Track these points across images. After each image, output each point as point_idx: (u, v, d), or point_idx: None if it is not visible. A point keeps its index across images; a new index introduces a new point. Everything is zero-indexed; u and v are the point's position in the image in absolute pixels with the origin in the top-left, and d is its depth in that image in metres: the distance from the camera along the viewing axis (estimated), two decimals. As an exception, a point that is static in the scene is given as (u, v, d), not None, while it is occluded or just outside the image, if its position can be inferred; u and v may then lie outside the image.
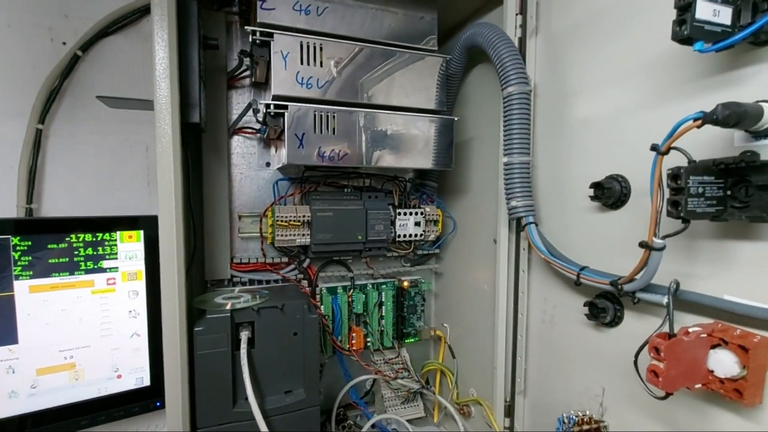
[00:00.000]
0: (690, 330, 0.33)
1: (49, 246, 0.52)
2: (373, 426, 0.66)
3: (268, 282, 0.63)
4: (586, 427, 0.43)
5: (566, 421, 0.45)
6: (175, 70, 0.41)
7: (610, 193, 0.41)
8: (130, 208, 0.59)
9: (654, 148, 0.32)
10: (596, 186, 0.42)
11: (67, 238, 0.53)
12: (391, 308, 0.71)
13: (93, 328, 0.55)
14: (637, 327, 0.40)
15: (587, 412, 0.44)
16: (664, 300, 0.34)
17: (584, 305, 0.44)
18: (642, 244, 0.33)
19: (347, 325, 0.68)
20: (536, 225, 0.50)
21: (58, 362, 0.54)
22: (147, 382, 0.59)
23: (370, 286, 0.70)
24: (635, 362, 0.36)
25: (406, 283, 0.73)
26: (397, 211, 0.66)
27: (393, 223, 0.66)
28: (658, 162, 0.32)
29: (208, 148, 0.59)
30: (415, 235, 0.67)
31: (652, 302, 0.36)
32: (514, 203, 0.50)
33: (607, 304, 0.42)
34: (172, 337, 0.43)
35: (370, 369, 0.67)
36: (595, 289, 0.44)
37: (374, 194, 0.66)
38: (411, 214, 0.66)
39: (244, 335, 0.48)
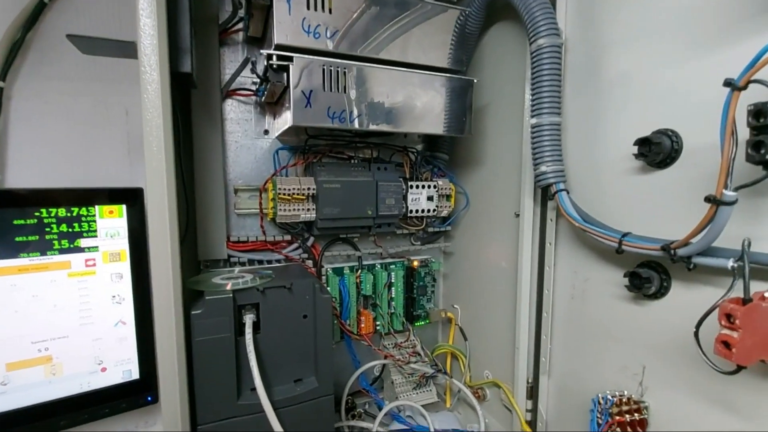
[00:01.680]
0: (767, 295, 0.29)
1: (15, 222, 0.45)
2: (385, 415, 0.62)
3: (269, 262, 0.57)
4: (625, 408, 0.40)
5: (602, 401, 0.41)
6: (162, 4, 0.34)
7: (659, 149, 0.37)
8: (109, 180, 0.52)
9: (728, 83, 0.28)
10: (642, 142, 0.38)
11: (37, 213, 0.46)
12: (402, 289, 0.67)
13: (71, 315, 0.48)
14: (687, 298, 0.37)
15: (625, 392, 0.41)
16: (729, 263, 0.31)
17: (624, 276, 0.40)
18: (709, 199, 0.29)
19: (356, 308, 0.63)
20: (567, 192, 0.46)
21: (32, 355, 0.47)
22: (136, 375, 0.53)
23: (379, 266, 0.66)
24: (696, 333, 0.32)
25: (416, 263, 0.68)
26: (409, 184, 0.61)
27: (405, 197, 0.61)
28: (733, 99, 0.28)
29: (198, 111, 0.53)
30: (428, 211, 0.63)
31: (713, 267, 0.32)
32: (543, 168, 0.46)
33: (651, 274, 0.38)
34: (166, 323, 0.37)
35: (381, 353, 0.62)
36: (636, 259, 0.40)
37: (383, 166, 0.61)
38: (424, 187, 0.62)
39: (249, 319, 0.43)
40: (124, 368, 0.52)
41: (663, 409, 0.39)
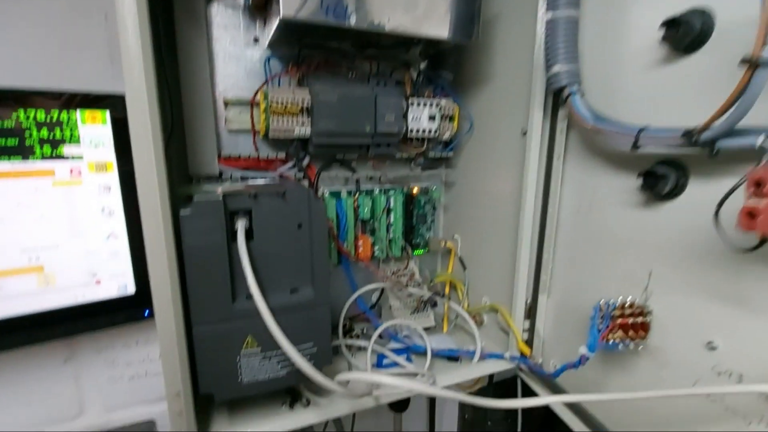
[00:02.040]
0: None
1: (-8, 123, 0.43)
2: (381, 336, 0.62)
3: (263, 178, 0.55)
4: (628, 311, 0.39)
5: (604, 307, 0.40)
6: None
7: (687, 30, 0.33)
8: (91, 88, 0.49)
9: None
10: (670, 23, 0.34)
11: (15, 114, 0.43)
12: (401, 215, 0.65)
13: (59, 226, 0.47)
14: (704, 194, 0.34)
15: (629, 298, 0.40)
16: (759, 140, 0.28)
17: (638, 176, 0.38)
18: (745, 60, 0.26)
19: (353, 232, 0.61)
20: (582, 95, 0.42)
21: (22, 264, 0.46)
22: (132, 289, 0.52)
23: (377, 191, 0.64)
24: (716, 213, 0.30)
25: (415, 190, 0.66)
26: (410, 100, 0.57)
27: (405, 115, 0.57)
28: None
29: (181, 15, 0.48)
30: (430, 132, 0.60)
31: (741, 148, 0.30)
32: (556, 68, 0.42)
33: (667, 171, 0.36)
34: (154, 225, 0.35)
35: (380, 274, 0.62)
36: (651, 160, 0.38)
37: (383, 81, 0.57)
38: (425, 105, 0.58)
39: (241, 224, 0.41)
40: (120, 282, 0.51)
41: (667, 313, 0.38)
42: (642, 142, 0.35)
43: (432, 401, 0.84)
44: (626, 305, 0.39)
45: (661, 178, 0.36)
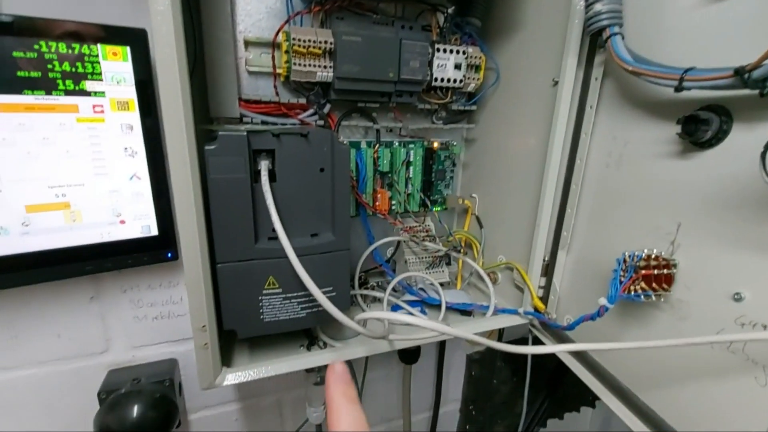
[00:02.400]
0: None
1: (15, 54, 0.42)
2: (395, 290, 0.63)
3: (284, 125, 0.54)
4: (654, 263, 0.38)
5: (628, 258, 0.40)
6: None
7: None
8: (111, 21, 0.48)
9: None
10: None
11: (36, 46, 0.43)
12: (420, 170, 0.64)
13: (84, 163, 0.47)
14: (748, 141, 0.33)
15: (654, 251, 0.39)
16: (818, 82, 0.26)
17: (678, 122, 0.36)
18: None
19: (372, 184, 0.61)
20: (622, 36, 0.40)
21: (50, 200, 0.47)
22: (155, 231, 0.53)
23: (397, 143, 0.62)
24: (763, 154, 0.29)
25: (436, 144, 0.65)
26: (436, 47, 0.55)
27: (430, 63, 0.55)
28: None
29: (201, -57, 0.46)
30: (455, 81, 0.57)
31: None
32: (597, 7, 0.40)
33: (711, 116, 0.34)
34: (180, 157, 0.35)
35: (398, 225, 0.62)
36: (692, 106, 0.36)
37: (409, 25, 0.54)
38: (452, 52, 0.56)
39: (264, 164, 0.41)
40: (143, 223, 0.52)
41: (693, 266, 0.37)
42: (687, 83, 0.33)
43: (440, 357, 0.86)
44: (651, 257, 0.38)
45: (702, 124, 0.34)
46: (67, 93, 0.45)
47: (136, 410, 0.55)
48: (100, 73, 0.46)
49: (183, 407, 0.67)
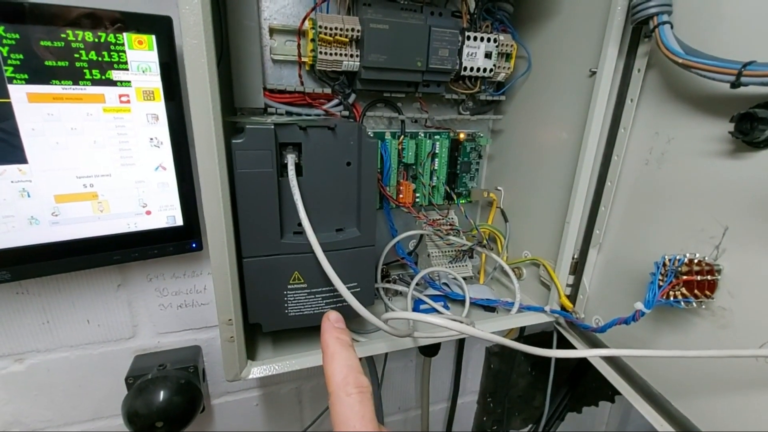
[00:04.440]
0: None
1: (43, 43, 0.42)
2: (417, 283, 0.62)
3: (308, 116, 0.53)
4: (696, 268, 0.37)
5: (668, 262, 0.38)
6: None
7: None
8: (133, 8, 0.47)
9: None
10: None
11: (63, 35, 0.42)
12: (445, 162, 0.62)
13: (111, 153, 0.47)
14: (811, 143, 0.31)
15: (697, 255, 0.37)
16: None
17: (731, 120, 0.34)
18: None
19: (395, 176, 0.60)
20: (671, 25, 0.37)
21: (78, 190, 0.47)
22: (180, 221, 0.53)
23: (423, 134, 0.61)
24: None
25: (462, 135, 0.63)
26: (467, 35, 0.53)
27: (460, 51, 0.53)
28: None
29: (226, -74, 0.45)
30: (484, 70, 0.55)
31: None
32: (647, -6, 0.37)
33: (770, 116, 0.32)
34: (208, 150, 0.34)
35: (422, 218, 0.61)
36: (747, 103, 0.34)
37: (438, 11, 0.52)
38: (483, 40, 0.53)
39: (291, 158, 0.40)
40: (168, 214, 0.52)
41: (738, 273, 0.36)
42: (746, 79, 0.31)
43: (460, 350, 0.86)
44: (694, 262, 0.36)
45: (760, 122, 0.32)
46: (94, 83, 0.45)
47: (162, 395, 0.57)
48: (126, 63, 0.45)
49: (206, 393, 0.68)
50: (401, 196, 0.61)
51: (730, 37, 0.35)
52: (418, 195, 0.63)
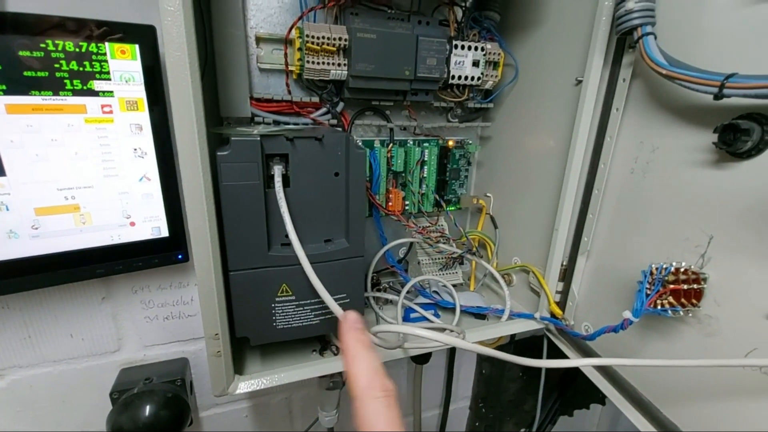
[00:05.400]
0: None
1: (22, 53, 0.41)
2: (407, 291, 0.62)
3: (296, 125, 0.53)
4: (683, 277, 0.37)
5: (655, 271, 0.38)
6: None
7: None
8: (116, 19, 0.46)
9: None
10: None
11: (43, 45, 0.41)
12: (434, 169, 0.62)
13: (93, 165, 0.46)
14: (792, 154, 0.31)
15: (683, 263, 0.38)
16: None
17: (714, 131, 0.34)
18: None
19: (385, 184, 0.59)
20: (655, 36, 0.38)
21: (59, 202, 0.46)
22: (165, 233, 0.52)
23: (411, 142, 0.61)
24: None
25: (451, 143, 0.63)
26: (453, 43, 0.53)
27: (447, 60, 0.53)
28: None
29: (211, -65, 0.44)
30: (472, 78, 0.55)
31: None
32: (630, 5, 0.38)
33: (752, 125, 0.32)
34: (192, 164, 0.34)
35: (411, 227, 0.60)
36: (730, 114, 0.34)
37: (425, 20, 0.52)
38: (470, 49, 0.54)
39: (278, 169, 0.40)
40: (153, 225, 0.51)
41: (724, 281, 0.36)
42: (728, 91, 0.31)
43: (451, 356, 0.85)
44: (681, 271, 0.37)
45: (742, 134, 0.32)
46: (75, 93, 0.44)
47: (148, 410, 0.55)
48: (108, 72, 0.44)
49: (194, 405, 0.67)
50: (391, 204, 0.60)
51: (711, 50, 0.36)
52: (407, 203, 0.62)
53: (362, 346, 0.22)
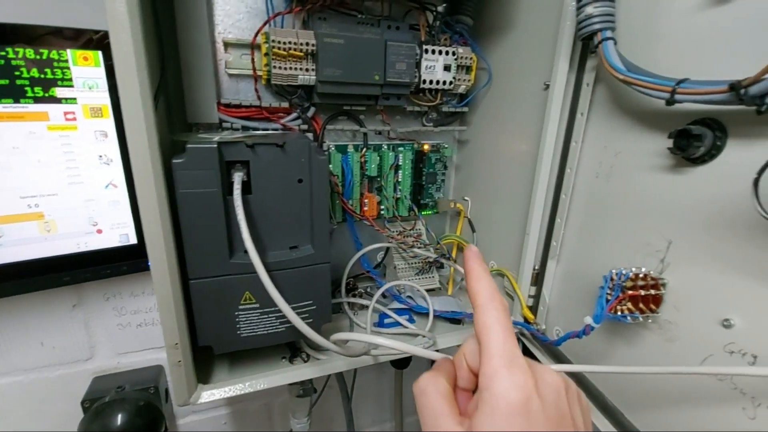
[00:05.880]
0: None
1: (-21, 61, 0.40)
2: (384, 296, 0.62)
3: (266, 130, 0.53)
4: (641, 282, 0.37)
5: (615, 277, 0.38)
6: None
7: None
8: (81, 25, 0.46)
9: None
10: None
11: (3, 53, 0.41)
12: (409, 173, 0.62)
13: (57, 172, 0.46)
14: (743, 158, 0.31)
15: (642, 269, 0.38)
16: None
17: (669, 136, 0.34)
18: None
19: (359, 189, 0.59)
20: (614, 42, 0.38)
21: (22, 210, 0.46)
22: (133, 239, 0.52)
23: (386, 146, 0.61)
24: (756, 181, 0.27)
25: (426, 147, 0.63)
26: (424, 48, 0.53)
27: (418, 64, 0.53)
28: None
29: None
30: (444, 83, 0.55)
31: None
32: (590, 10, 0.38)
33: (704, 131, 0.32)
34: (144, 172, 0.34)
35: (384, 233, 0.60)
36: (686, 119, 0.34)
37: (395, 24, 0.52)
38: (441, 53, 0.53)
39: (237, 176, 0.39)
40: (121, 232, 0.51)
41: (683, 286, 0.36)
42: (680, 96, 0.31)
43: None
44: (639, 276, 0.37)
45: (695, 139, 0.32)
46: (37, 100, 0.43)
47: (120, 418, 0.55)
48: (71, 79, 0.44)
49: (170, 413, 0.66)
50: (366, 208, 0.60)
51: (669, 54, 0.36)
52: (382, 207, 0.62)
53: (484, 269, 0.25)
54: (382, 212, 0.62)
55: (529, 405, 0.20)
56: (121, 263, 0.52)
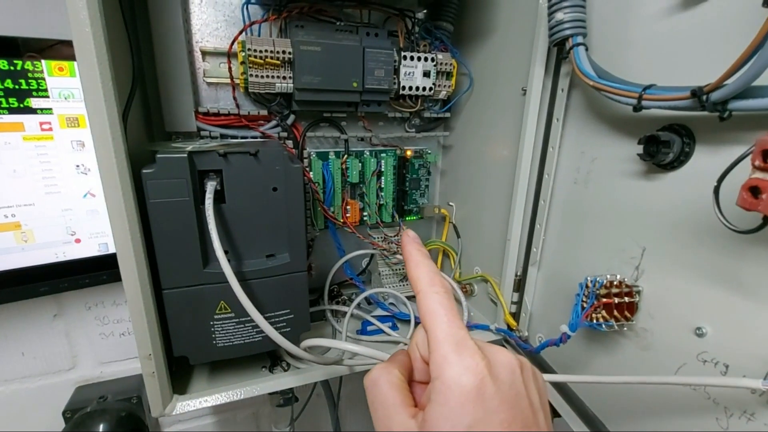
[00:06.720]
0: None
1: (-48, 72, 0.41)
2: (369, 303, 0.61)
3: (244, 138, 0.52)
4: (615, 290, 0.36)
5: (590, 284, 0.38)
6: None
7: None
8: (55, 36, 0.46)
9: None
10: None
11: (-25, 64, 0.41)
12: (392, 179, 0.62)
13: (34, 182, 0.46)
14: (710, 164, 0.30)
15: (617, 276, 0.37)
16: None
17: (639, 142, 0.34)
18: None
19: (340, 195, 0.59)
20: (586, 48, 0.38)
21: (-1, 220, 0.46)
22: (113, 249, 0.51)
23: (368, 153, 0.60)
24: (716, 189, 0.27)
25: (409, 152, 0.62)
26: (402, 54, 0.53)
27: (397, 71, 0.53)
28: None
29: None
30: (424, 89, 0.55)
31: (757, 110, 0.25)
32: (560, 16, 0.38)
33: (672, 137, 0.32)
34: (112, 182, 0.33)
35: (367, 240, 0.60)
36: (657, 124, 0.34)
37: (374, 31, 0.52)
38: (419, 59, 0.53)
39: (210, 185, 0.39)
40: (100, 241, 0.51)
41: (657, 294, 0.35)
42: (646, 101, 0.31)
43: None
44: (614, 284, 0.36)
45: (663, 145, 0.32)
46: (11, 111, 0.43)
47: (101, 429, 0.54)
48: (46, 90, 0.44)
49: (155, 423, 0.66)
50: (348, 215, 0.60)
51: (639, 60, 0.35)
52: (365, 214, 0.62)
53: (422, 254, 0.25)
54: (365, 218, 0.62)
55: (483, 389, 0.19)
56: (100, 272, 0.52)
